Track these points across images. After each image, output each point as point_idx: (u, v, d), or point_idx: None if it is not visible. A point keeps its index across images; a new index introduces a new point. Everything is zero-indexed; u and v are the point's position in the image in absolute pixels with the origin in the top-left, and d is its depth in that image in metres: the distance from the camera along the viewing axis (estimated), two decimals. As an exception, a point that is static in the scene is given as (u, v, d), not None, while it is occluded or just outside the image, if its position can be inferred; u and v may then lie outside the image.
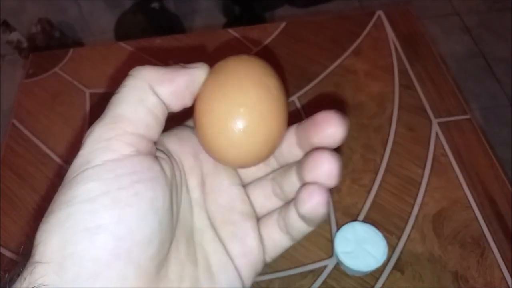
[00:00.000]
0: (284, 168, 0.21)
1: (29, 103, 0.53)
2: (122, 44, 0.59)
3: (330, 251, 0.38)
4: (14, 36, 1.45)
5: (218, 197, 0.21)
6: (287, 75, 0.52)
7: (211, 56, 0.55)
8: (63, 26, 1.68)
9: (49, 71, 0.57)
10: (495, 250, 0.37)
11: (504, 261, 0.37)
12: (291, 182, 0.20)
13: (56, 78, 0.56)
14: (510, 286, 0.36)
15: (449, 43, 1.58)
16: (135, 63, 0.65)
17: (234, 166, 0.22)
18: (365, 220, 0.40)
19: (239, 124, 0.19)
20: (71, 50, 0.59)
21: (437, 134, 0.45)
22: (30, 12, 1.64)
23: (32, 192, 0.45)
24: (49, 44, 1.55)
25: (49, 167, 0.47)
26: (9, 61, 1.75)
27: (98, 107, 0.52)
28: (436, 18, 1.69)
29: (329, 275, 0.37)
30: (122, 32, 1.59)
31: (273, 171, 0.22)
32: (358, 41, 0.55)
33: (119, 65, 0.56)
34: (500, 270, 0.36)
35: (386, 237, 0.36)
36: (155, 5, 1.37)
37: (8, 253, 0.41)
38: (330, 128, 0.18)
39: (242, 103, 0.20)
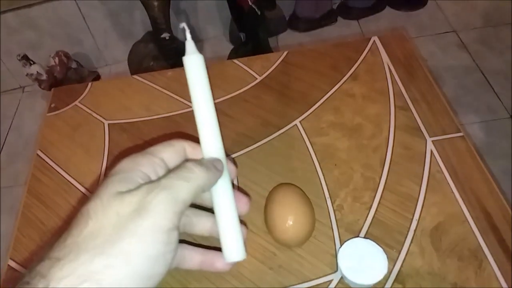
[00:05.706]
0: None
1: (51, 135, 0.58)
2: (136, 77, 0.63)
3: (334, 266, 0.40)
4: (34, 68, 1.53)
5: None
6: (289, 101, 0.56)
7: (219, 85, 0.59)
8: (79, 57, 1.76)
9: (69, 104, 0.61)
10: (492, 261, 0.39)
11: (501, 272, 0.38)
12: None
13: (76, 110, 0.60)
14: (509, 296, 0.37)
15: (446, 59, 1.61)
16: (149, 95, 0.69)
17: (286, 246, 0.41)
18: (367, 236, 0.42)
19: (289, 221, 0.39)
20: (90, 84, 0.64)
21: (432, 152, 0.47)
22: (48, 46, 1.72)
23: (58, 219, 0.48)
24: (66, 74, 1.62)
25: (72, 194, 0.50)
26: (29, 92, 1.83)
27: (117, 136, 0.56)
28: (433, 36, 1.73)
29: (334, 289, 0.39)
30: (135, 61, 1.65)
31: None
32: (355, 66, 0.58)
33: (135, 96, 0.60)
34: (498, 281, 0.38)
35: (386, 252, 0.38)
36: (165, 35, 1.43)
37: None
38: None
39: (289, 211, 0.39)
